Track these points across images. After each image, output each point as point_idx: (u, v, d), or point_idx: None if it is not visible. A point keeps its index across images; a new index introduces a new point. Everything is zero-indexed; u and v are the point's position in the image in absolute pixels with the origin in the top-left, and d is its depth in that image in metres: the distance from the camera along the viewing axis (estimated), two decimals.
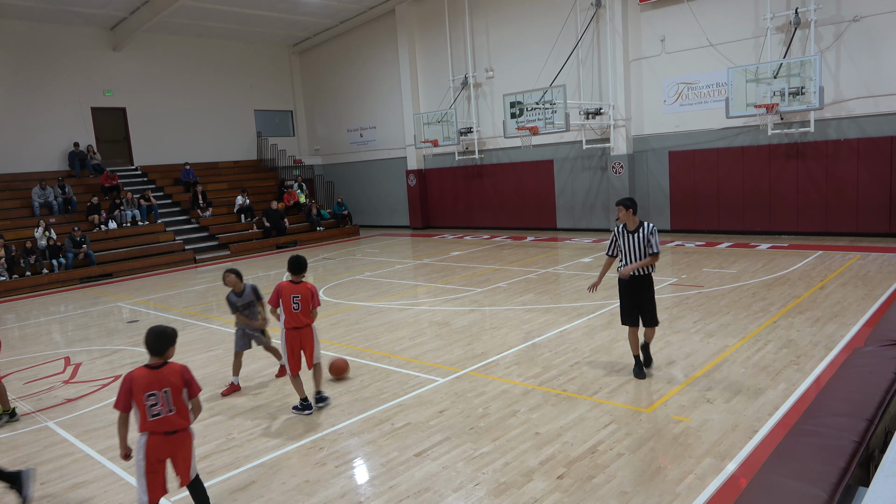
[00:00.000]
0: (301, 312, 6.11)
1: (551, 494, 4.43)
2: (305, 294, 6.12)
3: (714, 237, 16.50)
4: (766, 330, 7.91)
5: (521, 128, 17.86)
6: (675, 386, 6.29)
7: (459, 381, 6.93)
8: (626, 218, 6.46)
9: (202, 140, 25.02)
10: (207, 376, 7.84)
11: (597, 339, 8.08)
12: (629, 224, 6.45)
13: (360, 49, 25.26)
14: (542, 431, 5.45)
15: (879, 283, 10.00)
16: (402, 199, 24.87)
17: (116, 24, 22.19)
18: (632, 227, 6.44)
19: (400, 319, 10.05)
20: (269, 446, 5.62)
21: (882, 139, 14.18)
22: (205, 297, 13.95)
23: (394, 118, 24.53)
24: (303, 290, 6.13)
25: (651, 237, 6.36)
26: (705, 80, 16.63)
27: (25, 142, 20.95)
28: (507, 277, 12.85)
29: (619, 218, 6.51)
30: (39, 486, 5.21)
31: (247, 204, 22.77)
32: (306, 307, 6.12)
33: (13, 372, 8.64)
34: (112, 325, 11.44)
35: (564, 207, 20.02)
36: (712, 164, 16.74)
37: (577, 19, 18.43)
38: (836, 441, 2.47)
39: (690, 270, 12.30)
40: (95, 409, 6.98)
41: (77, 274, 17.28)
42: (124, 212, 20.26)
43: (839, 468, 2.28)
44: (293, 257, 6.25)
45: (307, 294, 6.13)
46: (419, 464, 5.05)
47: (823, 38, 14.63)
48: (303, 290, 6.13)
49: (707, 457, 4.80)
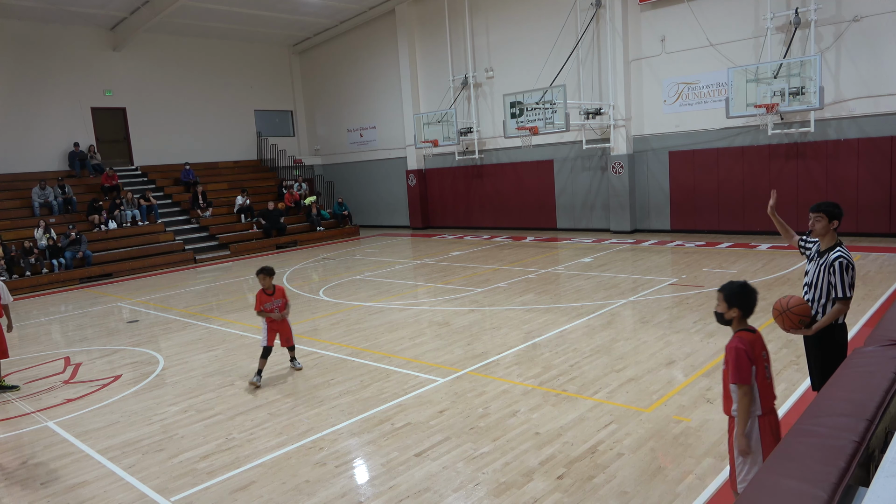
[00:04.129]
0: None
1: (551, 494, 4.43)
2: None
3: (714, 237, 16.50)
4: (766, 330, 7.89)
5: (521, 128, 17.87)
6: (675, 386, 6.29)
7: (459, 381, 6.93)
8: (822, 232, 4.57)
9: (202, 140, 25.02)
10: (208, 376, 7.84)
11: (597, 339, 8.08)
12: (823, 242, 4.60)
13: (360, 49, 25.26)
14: (542, 431, 5.45)
15: (879, 283, 10.00)
16: (402, 199, 24.87)
17: (116, 24, 22.19)
18: (824, 247, 4.60)
19: (400, 319, 10.05)
20: (269, 446, 5.62)
21: (882, 139, 14.18)
22: (205, 297, 13.95)
23: (394, 118, 24.53)
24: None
25: (833, 270, 4.43)
26: (705, 80, 16.63)
27: (25, 142, 20.95)
28: (507, 277, 12.85)
29: (812, 230, 4.67)
30: (39, 485, 5.22)
31: (247, 204, 22.77)
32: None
33: (13, 372, 8.64)
34: (112, 325, 11.44)
35: (564, 207, 20.02)
36: (712, 164, 16.74)
37: (577, 19, 18.43)
38: (836, 441, 2.47)
39: (690, 270, 12.30)
40: (95, 409, 6.98)
41: (77, 274, 17.28)
42: (124, 212, 20.26)
43: (839, 468, 2.27)
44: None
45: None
46: (419, 464, 5.05)
47: (823, 38, 14.63)
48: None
49: (707, 457, 4.80)
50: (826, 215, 4.50)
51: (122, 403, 7.09)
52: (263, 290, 7.58)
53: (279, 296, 7.62)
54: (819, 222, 4.54)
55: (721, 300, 3.74)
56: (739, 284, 3.73)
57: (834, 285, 4.42)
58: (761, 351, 3.68)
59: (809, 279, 4.64)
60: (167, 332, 10.58)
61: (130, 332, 10.69)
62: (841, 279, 4.39)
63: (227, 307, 12.34)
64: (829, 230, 4.52)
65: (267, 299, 7.54)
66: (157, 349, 9.42)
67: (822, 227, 4.53)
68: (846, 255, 4.46)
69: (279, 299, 7.59)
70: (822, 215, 4.52)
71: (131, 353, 9.35)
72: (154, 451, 5.71)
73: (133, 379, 8.03)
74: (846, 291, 4.40)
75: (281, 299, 7.61)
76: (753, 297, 3.71)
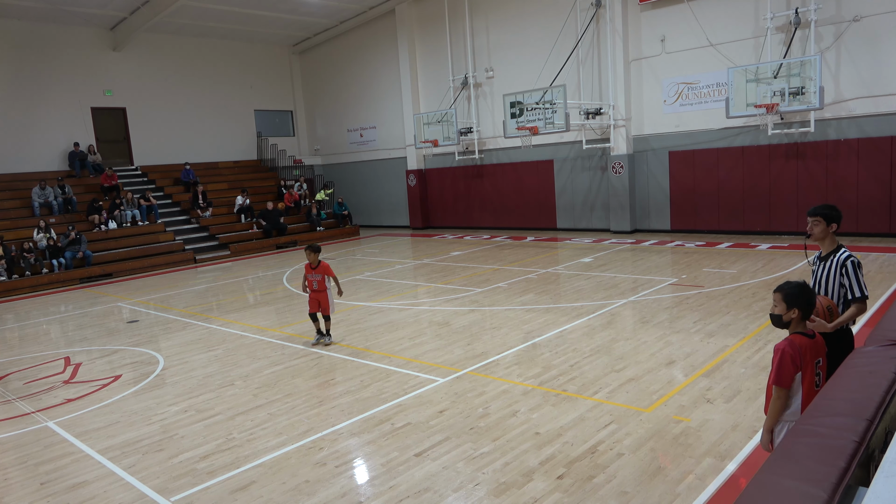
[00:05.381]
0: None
1: (551, 494, 4.43)
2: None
3: (714, 237, 16.50)
4: (766, 330, 7.91)
5: (521, 128, 17.87)
6: (675, 386, 6.29)
7: (459, 381, 6.93)
8: (820, 236, 4.50)
9: (202, 140, 25.02)
10: (208, 376, 7.84)
11: (597, 339, 8.08)
12: (823, 246, 4.54)
13: (360, 49, 25.26)
14: (542, 431, 5.44)
15: (879, 283, 10.00)
16: (402, 199, 24.87)
17: (116, 24, 22.19)
18: (826, 251, 4.53)
19: (400, 319, 10.05)
20: (269, 446, 5.62)
21: (882, 139, 14.18)
22: (205, 297, 13.95)
23: (394, 118, 24.53)
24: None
25: (845, 271, 4.34)
26: (705, 80, 16.63)
27: (25, 142, 20.95)
28: (507, 277, 12.85)
29: (810, 233, 4.57)
30: (39, 486, 5.22)
31: (247, 204, 22.77)
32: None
33: (13, 372, 8.64)
34: (112, 325, 11.44)
35: (564, 207, 20.02)
36: (712, 164, 16.74)
37: (577, 19, 18.43)
38: (836, 441, 2.47)
39: (690, 270, 12.30)
40: (95, 409, 6.98)
41: (77, 274, 17.28)
42: (124, 212, 20.26)
43: (839, 468, 2.27)
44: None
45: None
46: (419, 464, 5.04)
47: (823, 38, 14.63)
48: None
49: (707, 457, 4.80)
50: (824, 219, 4.44)
51: (122, 403, 7.08)
52: (309, 264, 8.71)
53: (321, 271, 8.72)
54: (817, 226, 4.47)
55: (779, 301, 3.59)
56: (798, 285, 3.58)
57: (849, 286, 4.31)
58: (814, 358, 3.55)
59: (814, 283, 4.51)
60: (167, 332, 10.58)
61: (130, 332, 10.69)
62: (856, 278, 4.29)
63: (227, 307, 12.33)
64: (828, 233, 4.46)
65: (309, 272, 8.74)
66: (157, 349, 9.42)
67: (821, 231, 4.46)
68: (854, 255, 4.42)
69: (320, 274, 8.71)
70: (819, 219, 4.46)
71: (131, 353, 9.35)
72: (154, 451, 5.71)
73: (133, 379, 8.03)
74: (863, 290, 4.30)
75: (322, 274, 8.71)
76: (813, 297, 3.59)
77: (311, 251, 8.71)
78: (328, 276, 8.78)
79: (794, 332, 3.61)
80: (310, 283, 8.76)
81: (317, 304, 8.77)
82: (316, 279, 8.70)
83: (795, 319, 3.59)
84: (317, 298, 8.75)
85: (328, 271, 8.78)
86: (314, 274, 8.72)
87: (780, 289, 3.63)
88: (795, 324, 3.60)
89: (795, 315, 3.58)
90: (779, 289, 3.64)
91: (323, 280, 8.72)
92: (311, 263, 8.72)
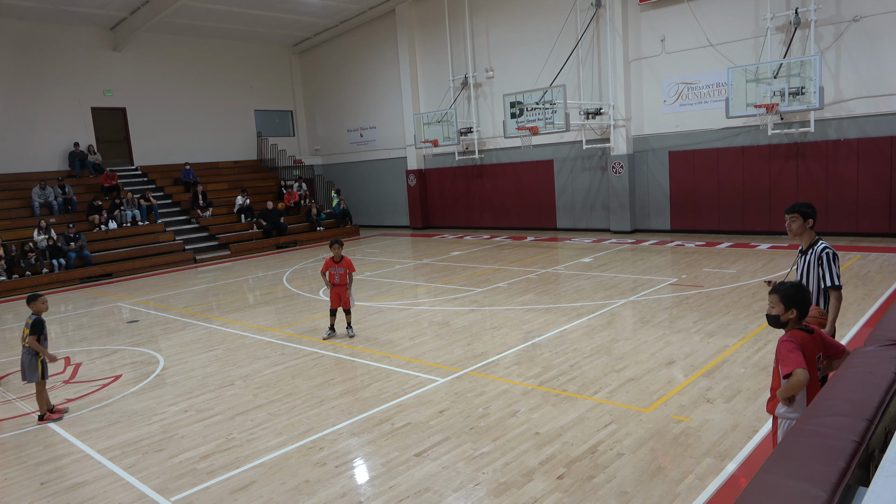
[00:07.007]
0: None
1: (551, 494, 4.43)
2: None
3: (714, 237, 16.50)
4: (767, 330, 7.91)
5: (521, 128, 17.87)
6: (675, 386, 6.29)
7: (459, 381, 6.93)
8: (798, 231, 4.80)
9: (202, 140, 25.02)
10: (208, 376, 7.84)
11: (597, 339, 8.08)
12: (802, 240, 4.85)
13: (360, 49, 25.27)
14: (542, 431, 5.44)
15: (879, 283, 10.00)
16: (402, 199, 24.87)
17: (116, 24, 22.19)
18: (805, 245, 4.84)
19: (400, 319, 10.05)
20: (269, 446, 5.62)
21: (882, 139, 14.18)
22: (205, 297, 13.94)
23: (394, 118, 24.54)
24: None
25: (821, 261, 4.65)
26: (705, 80, 16.63)
27: (25, 142, 20.95)
28: (507, 277, 12.85)
29: (789, 230, 4.88)
30: (39, 486, 5.22)
31: (247, 204, 22.77)
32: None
33: (13, 372, 8.64)
34: (112, 325, 11.44)
35: (564, 207, 20.02)
36: (712, 164, 16.74)
37: (577, 19, 18.43)
38: (836, 441, 2.47)
39: (690, 270, 12.30)
40: (95, 409, 6.99)
41: (77, 274, 17.28)
42: (124, 212, 20.26)
43: (839, 468, 2.27)
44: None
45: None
46: (419, 464, 5.05)
47: (823, 38, 14.63)
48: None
49: (707, 457, 4.80)
50: (801, 215, 4.74)
51: (122, 403, 7.09)
52: (332, 258, 8.93)
53: (343, 265, 8.93)
54: (794, 222, 4.77)
55: (777, 302, 3.63)
56: (795, 285, 3.64)
57: (823, 276, 4.63)
58: (815, 353, 3.57)
59: (798, 277, 4.86)
60: (167, 332, 10.58)
61: (130, 332, 10.69)
62: (829, 268, 4.61)
63: (227, 307, 12.33)
64: (804, 229, 4.76)
65: (332, 266, 8.94)
66: (157, 349, 9.42)
67: (798, 227, 4.77)
68: (830, 247, 4.72)
69: (342, 268, 8.93)
70: (796, 215, 4.75)
71: (131, 353, 9.35)
72: (154, 451, 5.71)
73: (133, 379, 8.03)
74: (835, 279, 4.60)
75: (344, 268, 8.92)
76: (809, 296, 3.66)
77: (337, 245, 8.93)
78: (349, 272, 9.00)
79: (794, 329, 3.64)
80: (331, 277, 8.93)
81: (338, 298, 8.98)
82: (339, 273, 8.91)
83: (793, 320, 3.63)
84: (338, 293, 8.96)
85: (351, 266, 9.01)
86: (337, 268, 8.92)
87: (776, 290, 3.68)
88: (793, 324, 3.64)
89: (793, 315, 3.62)
90: (775, 290, 3.68)
91: (345, 274, 8.93)
92: (335, 257, 8.92)
